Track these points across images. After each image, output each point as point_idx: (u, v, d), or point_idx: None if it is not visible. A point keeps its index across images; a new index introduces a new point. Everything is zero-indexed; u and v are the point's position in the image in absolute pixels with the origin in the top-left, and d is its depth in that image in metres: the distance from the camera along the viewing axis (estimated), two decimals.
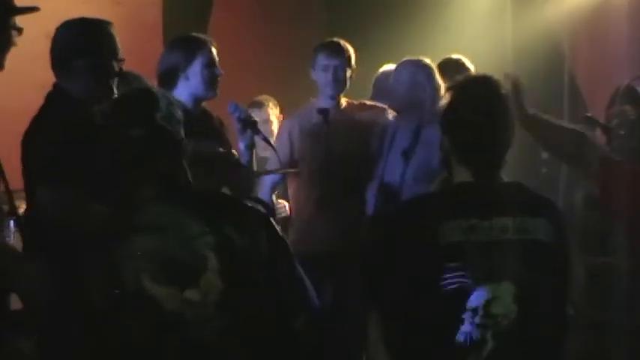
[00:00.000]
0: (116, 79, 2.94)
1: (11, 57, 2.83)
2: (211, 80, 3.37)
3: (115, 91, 2.95)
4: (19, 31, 2.78)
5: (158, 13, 5.53)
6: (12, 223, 2.92)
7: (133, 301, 2.13)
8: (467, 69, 4.13)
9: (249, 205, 2.34)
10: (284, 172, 3.98)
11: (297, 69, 4.57)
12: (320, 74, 3.92)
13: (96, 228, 2.42)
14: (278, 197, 4.18)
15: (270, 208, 2.67)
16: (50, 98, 2.91)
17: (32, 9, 2.82)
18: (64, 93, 2.85)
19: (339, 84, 3.92)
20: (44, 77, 3.11)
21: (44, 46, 3.09)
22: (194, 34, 3.63)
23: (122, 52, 3.04)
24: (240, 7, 6.01)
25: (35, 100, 2.98)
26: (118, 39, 3.04)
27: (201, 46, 3.39)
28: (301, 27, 6.27)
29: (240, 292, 2.18)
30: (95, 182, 2.56)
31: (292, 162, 4.03)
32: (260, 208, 2.37)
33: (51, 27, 3.19)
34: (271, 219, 2.34)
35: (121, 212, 2.28)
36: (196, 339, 2.14)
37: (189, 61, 3.34)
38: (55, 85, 2.91)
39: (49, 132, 2.77)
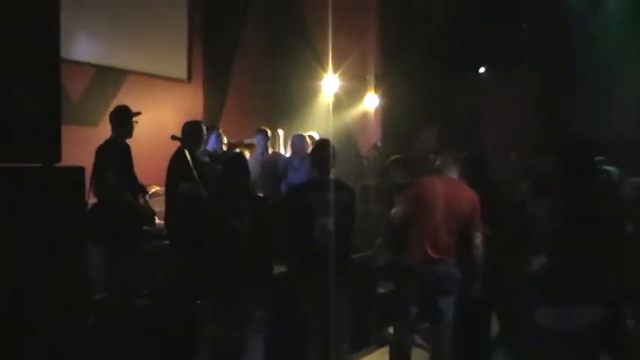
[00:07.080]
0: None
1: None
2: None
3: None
4: (136, 123, 4.80)
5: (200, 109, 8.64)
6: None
7: (218, 218, 3.89)
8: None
9: (262, 200, 4.25)
10: None
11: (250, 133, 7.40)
12: (259, 140, 7.00)
13: (206, 197, 4.46)
14: None
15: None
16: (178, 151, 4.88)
17: (138, 113, 4.81)
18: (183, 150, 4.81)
19: (266, 145, 6.96)
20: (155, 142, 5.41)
21: (154, 131, 5.65)
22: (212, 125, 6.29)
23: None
24: (235, 97, 9.05)
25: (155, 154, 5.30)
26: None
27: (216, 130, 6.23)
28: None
29: (255, 227, 3.85)
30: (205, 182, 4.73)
31: None
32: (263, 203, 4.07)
33: (160, 122, 5.66)
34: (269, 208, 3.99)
35: (222, 192, 4.02)
36: (238, 234, 3.78)
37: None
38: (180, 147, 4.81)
39: (182, 163, 4.71)
